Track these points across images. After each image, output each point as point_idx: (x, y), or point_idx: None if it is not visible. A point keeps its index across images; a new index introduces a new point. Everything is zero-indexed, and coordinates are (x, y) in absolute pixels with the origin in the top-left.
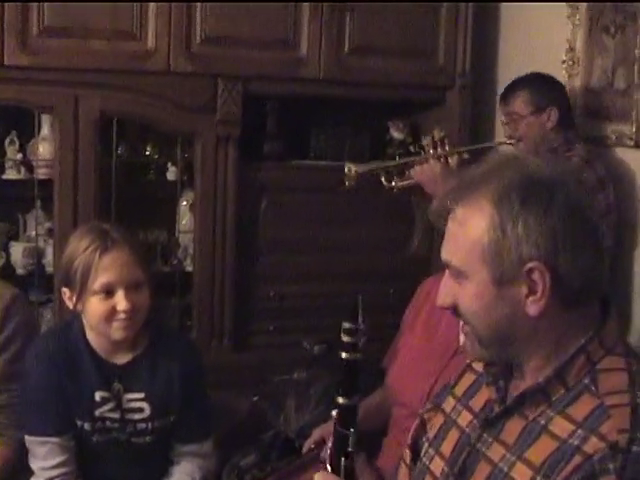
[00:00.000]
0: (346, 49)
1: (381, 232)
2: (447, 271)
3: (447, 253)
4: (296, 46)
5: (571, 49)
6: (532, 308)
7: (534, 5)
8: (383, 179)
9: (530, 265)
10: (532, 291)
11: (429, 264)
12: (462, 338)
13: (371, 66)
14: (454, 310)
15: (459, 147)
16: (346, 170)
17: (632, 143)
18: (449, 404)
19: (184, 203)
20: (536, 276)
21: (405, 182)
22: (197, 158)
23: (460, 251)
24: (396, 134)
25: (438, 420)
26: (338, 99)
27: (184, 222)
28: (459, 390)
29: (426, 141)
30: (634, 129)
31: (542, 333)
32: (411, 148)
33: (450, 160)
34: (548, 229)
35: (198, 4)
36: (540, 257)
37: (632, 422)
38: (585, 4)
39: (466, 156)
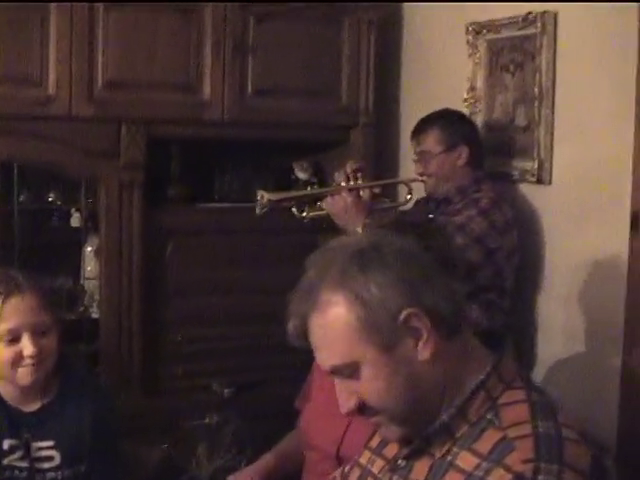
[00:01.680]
0: (249, 91)
1: (288, 273)
2: (336, 379)
3: (327, 361)
4: (199, 89)
5: (472, 87)
6: (425, 352)
7: (435, 44)
8: (294, 209)
9: (403, 314)
10: (417, 337)
11: None
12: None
13: (274, 107)
14: (361, 410)
15: (371, 181)
16: (258, 197)
17: (534, 179)
18: (365, 457)
19: (89, 249)
20: (414, 321)
21: (316, 213)
22: (101, 203)
23: (337, 350)
24: (301, 174)
25: (355, 474)
26: (242, 141)
27: (89, 268)
28: (374, 442)
29: (338, 175)
30: (536, 165)
31: (442, 374)
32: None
33: (362, 193)
34: (397, 278)
35: (100, 48)
36: (405, 303)
37: (536, 452)
38: (485, 43)
39: (377, 190)
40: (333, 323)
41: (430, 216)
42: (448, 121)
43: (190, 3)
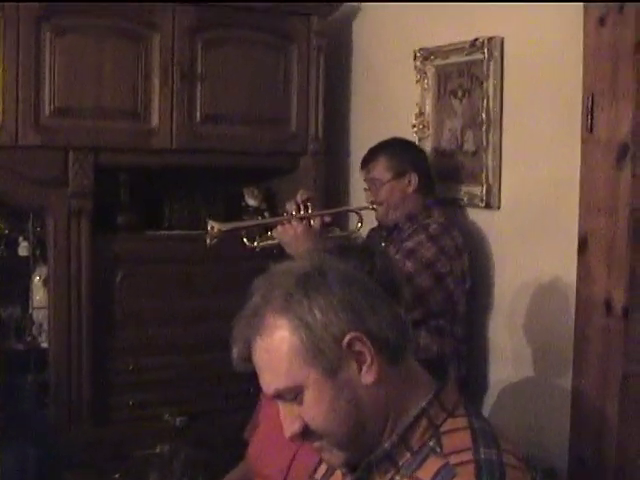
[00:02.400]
0: (198, 118)
1: (239, 301)
2: (280, 403)
3: (271, 384)
4: (147, 116)
5: (421, 113)
6: (368, 377)
7: (384, 70)
8: (245, 239)
9: (347, 338)
10: (361, 362)
11: None
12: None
13: (223, 134)
14: (305, 434)
15: (322, 210)
16: (209, 228)
17: (482, 204)
18: None
19: (37, 278)
20: (357, 346)
21: (267, 242)
22: (49, 232)
23: (281, 373)
24: (251, 201)
25: None
26: (191, 168)
27: (38, 297)
28: (319, 473)
29: (289, 204)
30: (484, 190)
31: (385, 399)
32: (266, 214)
33: (312, 222)
34: (341, 302)
35: (46, 75)
36: (350, 328)
37: (477, 478)
38: (433, 68)
39: (328, 219)
40: (277, 347)
41: (382, 244)
42: (396, 149)
43: (138, 30)
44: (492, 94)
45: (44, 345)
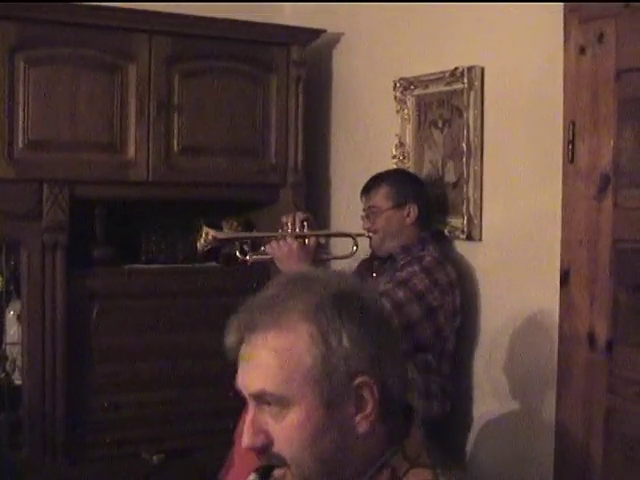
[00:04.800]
0: (175, 149)
1: (217, 336)
2: (252, 406)
3: (257, 382)
4: (123, 148)
5: (401, 144)
6: (360, 426)
7: (364, 100)
8: (237, 252)
9: (360, 380)
10: (360, 408)
11: None
12: None
13: (201, 166)
14: (264, 452)
15: (318, 231)
16: (203, 233)
17: (464, 236)
18: None
19: (11, 313)
20: (365, 391)
21: (259, 257)
22: (23, 267)
23: (277, 377)
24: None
25: None
26: (169, 200)
27: (12, 333)
28: None
29: (285, 219)
30: (465, 222)
31: (362, 452)
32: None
33: (307, 241)
34: (370, 340)
35: (20, 107)
36: (367, 370)
37: None
38: (413, 98)
39: (322, 241)
40: (286, 351)
41: (374, 275)
42: (399, 179)
43: (114, 61)
44: (472, 124)
45: (17, 382)
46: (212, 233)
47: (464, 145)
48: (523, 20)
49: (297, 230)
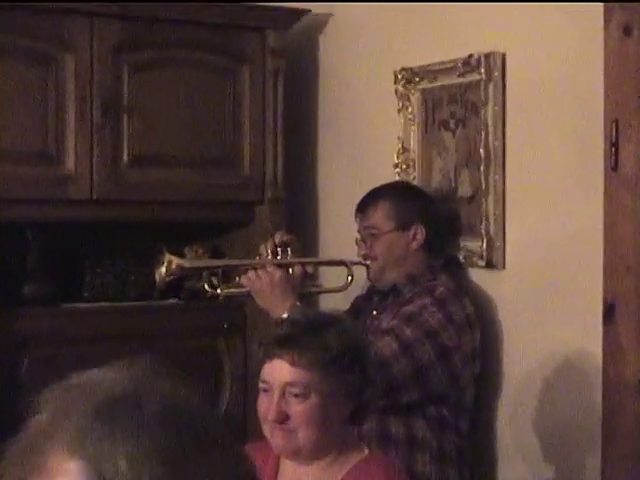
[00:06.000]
0: (124, 160)
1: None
2: None
3: None
4: (60, 159)
5: (404, 149)
6: None
7: (358, 98)
8: (205, 285)
9: None
10: None
11: (244, 424)
12: None
13: (157, 180)
14: None
15: (305, 257)
16: (165, 261)
17: (483, 263)
18: None
19: None
20: None
21: (233, 290)
22: None
23: None
24: None
25: None
26: (117, 223)
27: None
28: None
29: (264, 243)
30: (484, 245)
31: None
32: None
33: (292, 270)
34: (157, 450)
35: None
36: None
37: None
38: (418, 93)
39: (310, 270)
40: None
41: (374, 312)
42: (403, 194)
43: (47, 51)
44: (492, 124)
45: None
46: (176, 261)
47: (482, 150)
48: None
49: (279, 257)
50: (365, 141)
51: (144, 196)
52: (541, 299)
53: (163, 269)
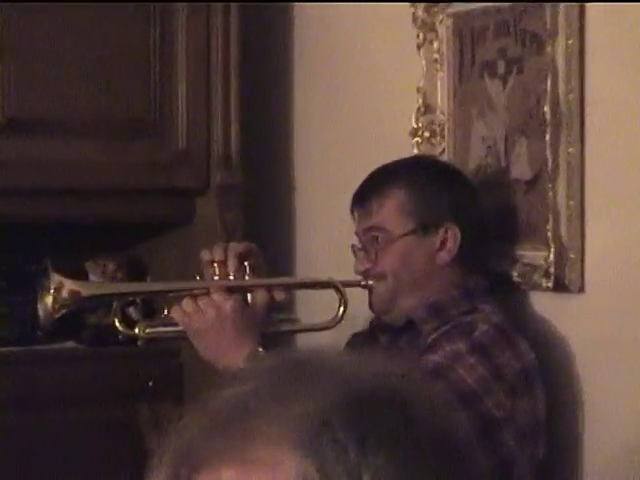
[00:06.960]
0: None
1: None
2: None
3: None
4: None
5: (427, 108)
6: None
7: (355, 30)
8: (117, 322)
9: None
10: None
11: None
12: None
13: (41, 158)
14: None
15: (272, 277)
16: (52, 286)
17: (549, 283)
18: None
19: None
20: None
21: (160, 329)
22: None
23: None
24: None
25: None
26: None
27: None
28: None
29: (210, 256)
30: (551, 257)
31: None
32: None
33: (252, 296)
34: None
35: None
36: None
37: None
38: (449, 21)
39: (281, 297)
40: None
41: None
42: (424, 179)
43: None
44: (564, 69)
45: None
46: (70, 286)
47: (547, 108)
48: None
49: (231, 277)
50: (366, 96)
51: (20, 181)
52: (633, 333)
53: (49, 298)
